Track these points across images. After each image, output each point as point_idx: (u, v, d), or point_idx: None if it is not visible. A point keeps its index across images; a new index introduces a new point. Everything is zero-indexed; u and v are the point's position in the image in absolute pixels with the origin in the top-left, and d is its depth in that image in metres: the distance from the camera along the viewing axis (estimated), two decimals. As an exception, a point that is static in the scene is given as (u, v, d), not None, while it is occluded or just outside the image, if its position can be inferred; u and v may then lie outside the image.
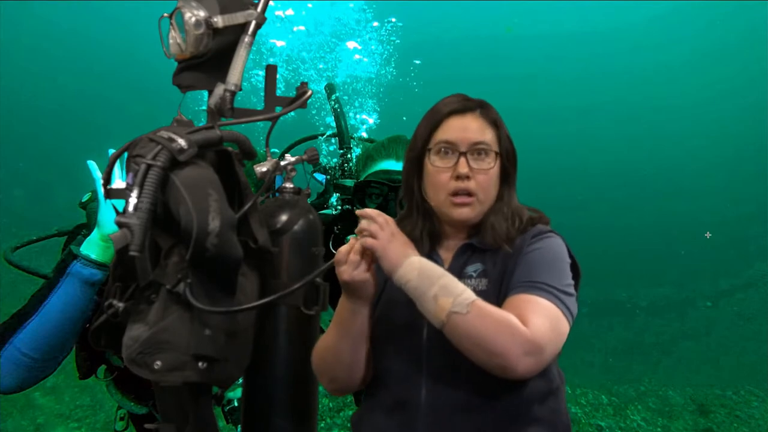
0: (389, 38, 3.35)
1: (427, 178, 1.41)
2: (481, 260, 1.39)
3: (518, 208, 1.43)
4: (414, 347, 1.35)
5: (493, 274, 1.36)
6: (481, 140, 1.37)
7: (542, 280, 1.30)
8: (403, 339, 1.37)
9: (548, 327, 1.24)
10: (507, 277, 1.33)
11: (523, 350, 1.19)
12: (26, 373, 1.55)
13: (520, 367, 1.19)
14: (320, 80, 3.05)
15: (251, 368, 0.96)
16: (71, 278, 1.55)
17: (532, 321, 1.22)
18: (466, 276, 1.38)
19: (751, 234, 14.64)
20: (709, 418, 6.74)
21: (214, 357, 0.81)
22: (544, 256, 1.34)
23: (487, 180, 1.37)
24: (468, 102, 1.42)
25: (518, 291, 1.29)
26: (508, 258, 1.36)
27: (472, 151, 1.36)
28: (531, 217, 1.43)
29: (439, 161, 1.38)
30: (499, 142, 1.40)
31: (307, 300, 0.99)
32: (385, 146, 2.04)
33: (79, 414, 5.86)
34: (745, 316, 11.05)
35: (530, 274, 1.30)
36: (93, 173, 1.63)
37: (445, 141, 1.37)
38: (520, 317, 1.22)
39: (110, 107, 20.31)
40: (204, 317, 0.81)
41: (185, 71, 0.92)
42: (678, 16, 19.49)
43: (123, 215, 0.76)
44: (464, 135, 1.37)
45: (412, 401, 1.32)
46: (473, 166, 1.36)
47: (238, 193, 0.91)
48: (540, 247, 1.35)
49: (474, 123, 1.39)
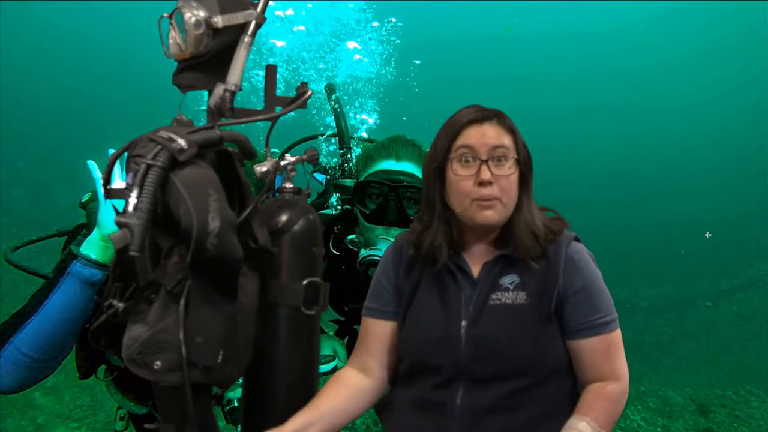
0: (389, 38, 3.35)
1: (449, 186, 1.45)
2: (516, 271, 1.44)
3: (537, 214, 1.48)
4: (453, 355, 1.41)
5: (531, 287, 1.42)
6: (499, 144, 1.42)
7: (603, 312, 1.44)
8: (440, 347, 1.43)
9: (623, 359, 1.45)
10: (550, 294, 1.41)
11: (621, 400, 1.42)
12: (26, 373, 1.55)
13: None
14: (320, 80, 3.05)
15: (251, 368, 0.96)
16: (71, 278, 1.55)
17: (620, 370, 1.43)
18: (502, 288, 1.43)
19: (751, 234, 14.64)
20: (709, 418, 6.74)
21: (207, 365, 0.81)
22: (594, 284, 1.45)
23: (509, 185, 1.42)
24: (484, 111, 1.47)
25: (594, 332, 1.43)
26: (545, 271, 1.43)
27: (492, 158, 1.41)
28: (552, 229, 1.48)
29: (461, 169, 1.42)
30: (517, 148, 1.45)
31: (307, 300, 0.99)
32: (385, 146, 2.04)
33: (79, 414, 5.85)
34: (745, 316, 11.04)
35: (594, 311, 1.43)
36: (93, 173, 1.63)
37: (464, 146, 1.42)
38: (612, 371, 1.42)
39: (110, 107, 20.31)
40: (198, 323, 0.81)
41: (185, 71, 0.92)
42: (678, 16, 19.49)
43: (123, 215, 0.76)
44: (483, 141, 1.42)
45: (448, 404, 1.40)
46: (494, 172, 1.40)
47: (238, 193, 0.91)
48: (586, 276, 1.45)
49: (491, 130, 1.44)
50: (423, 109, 5.08)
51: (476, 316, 1.42)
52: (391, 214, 1.94)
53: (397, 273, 1.56)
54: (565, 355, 1.44)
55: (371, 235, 1.99)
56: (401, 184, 1.95)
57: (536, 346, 1.40)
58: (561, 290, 1.41)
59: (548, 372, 1.42)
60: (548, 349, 1.41)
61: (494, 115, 1.46)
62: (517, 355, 1.39)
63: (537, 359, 1.40)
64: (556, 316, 1.42)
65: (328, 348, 2.19)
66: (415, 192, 1.97)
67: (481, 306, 1.43)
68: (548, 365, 1.41)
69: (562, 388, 1.44)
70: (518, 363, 1.39)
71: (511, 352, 1.39)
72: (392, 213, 1.94)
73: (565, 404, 1.42)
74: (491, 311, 1.42)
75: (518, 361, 1.39)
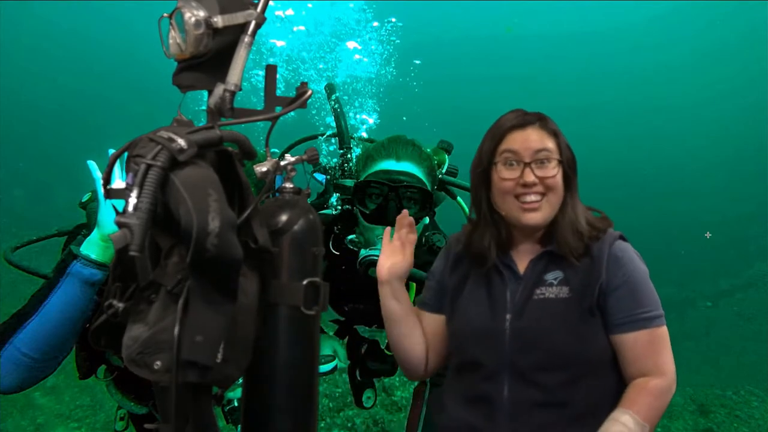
0: (389, 38, 3.35)
1: (495, 189, 1.52)
2: (560, 268, 1.49)
3: (582, 213, 1.52)
4: (498, 347, 1.47)
5: (574, 282, 1.47)
6: (542, 148, 1.47)
7: (648, 307, 1.45)
8: (486, 339, 1.50)
9: (670, 357, 1.47)
10: (592, 290, 1.45)
11: (666, 395, 1.44)
12: (26, 373, 1.54)
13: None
14: (320, 80, 3.04)
15: (251, 368, 0.96)
16: (71, 278, 1.55)
17: (664, 366, 1.44)
18: (546, 283, 1.49)
19: (751, 234, 14.64)
20: (709, 418, 6.74)
21: (207, 365, 0.81)
22: (639, 280, 1.47)
23: (554, 184, 1.48)
24: (527, 116, 1.53)
25: (637, 327, 1.44)
26: (589, 267, 1.46)
27: (536, 161, 1.47)
28: (597, 227, 1.52)
29: (506, 172, 1.49)
30: (560, 150, 1.50)
31: (306, 300, 0.99)
32: (385, 146, 2.04)
33: (79, 414, 5.85)
34: (745, 316, 11.04)
35: (638, 305, 1.45)
36: (93, 173, 1.63)
37: (508, 151, 1.49)
38: (655, 367, 1.43)
39: (110, 107, 20.33)
40: (198, 322, 0.80)
41: (185, 71, 0.92)
42: (678, 16, 19.51)
43: (123, 215, 0.75)
44: (526, 145, 1.48)
45: (495, 396, 1.46)
46: (538, 174, 1.46)
47: (238, 193, 0.91)
48: (630, 272, 1.47)
49: (534, 134, 1.50)
50: (423, 109, 5.08)
51: (520, 310, 1.48)
52: (391, 214, 1.94)
53: (444, 270, 1.66)
54: (609, 350, 1.47)
55: (371, 235, 1.99)
56: (401, 184, 1.95)
57: (578, 340, 1.44)
58: (603, 285, 1.44)
59: (591, 366, 1.45)
60: (590, 342, 1.45)
61: (537, 119, 1.52)
62: (559, 348, 1.43)
63: (579, 352, 1.44)
64: (599, 311, 1.45)
65: (328, 348, 2.19)
66: (414, 192, 1.96)
67: (526, 300, 1.48)
68: (591, 359, 1.45)
69: (607, 384, 1.46)
70: (560, 355, 1.44)
71: (553, 344, 1.44)
72: (392, 213, 1.94)
73: (610, 399, 1.44)
74: (535, 305, 1.47)
75: (561, 354, 1.44)
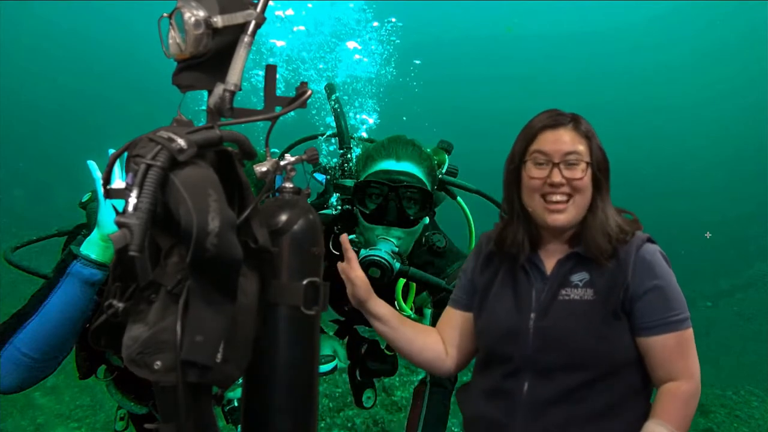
0: (389, 38, 3.35)
1: (524, 187, 1.54)
2: (586, 269, 1.50)
3: (612, 215, 1.52)
4: (521, 345, 1.50)
5: (599, 285, 1.48)
6: (572, 150, 1.48)
7: (677, 310, 1.46)
8: (510, 338, 1.52)
9: (696, 358, 1.48)
10: (617, 292, 1.45)
11: (693, 400, 1.46)
12: (26, 373, 1.54)
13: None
14: (320, 80, 3.04)
15: (251, 368, 0.96)
16: (71, 278, 1.55)
17: (692, 368, 1.46)
18: (571, 285, 1.50)
19: (751, 234, 14.64)
20: (709, 418, 6.73)
21: (205, 365, 0.81)
22: (668, 283, 1.48)
23: (582, 186, 1.48)
24: (560, 117, 1.53)
25: (667, 330, 1.45)
26: (615, 270, 1.47)
27: (564, 162, 1.47)
28: (625, 230, 1.52)
29: (535, 171, 1.50)
30: (591, 152, 1.50)
31: (306, 300, 0.99)
32: (385, 146, 2.04)
33: (79, 414, 5.85)
34: (745, 316, 11.04)
35: (668, 309, 1.46)
36: (93, 173, 1.63)
37: (539, 151, 1.50)
38: (685, 370, 1.44)
39: (110, 107, 20.32)
40: (198, 322, 0.80)
41: (185, 71, 0.92)
42: (678, 16, 19.50)
43: (123, 215, 0.75)
44: (557, 147, 1.49)
45: (515, 393, 1.49)
46: (566, 175, 1.47)
47: (238, 193, 0.91)
48: (659, 275, 1.48)
49: (566, 135, 1.50)
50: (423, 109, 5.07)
51: (545, 310, 1.50)
52: (391, 214, 1.94)
53: (474, 268, 1.68)
54: (633, 352, 1.48)
55: (371, 235, 1.99)
56: (401, 184, 1.95)
57: (600, 342, 1.45)
58: (630, 289, 1.45)
59: (613, 368, 1.46)
60: (613, 345, 1.46)
61: (570, 120, 1.52)
62: (581, 348, 1.45)
63: (601, 354, 1.45)
64: (625, 314, 1.46)
65: (328, 348, 2.19)
66: (415, 192, 1.96)
67: (550, 300, 1.50)
68: (612, 361, 1.46)
69: (629, 385, 1.47)
70: (582, 356, 1.45)
71: (575, 344, 1.45)
72: (392, 213, 1.94)
73: (631, 400, 1.46)
74: (559, 306, 1.49)
75: (582, 354, 1.45)
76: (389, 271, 1.85)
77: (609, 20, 20.35)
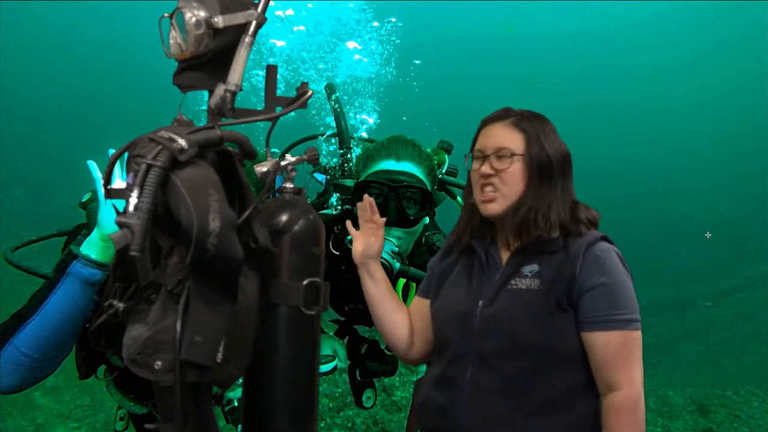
0: (389, 38, 3.35)
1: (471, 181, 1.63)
2: (538, 262, 1.53)
3: (559, 208, 1.53)
4: (467, 331, 1.52)
5: (546, 276, 1.49)
6: (502, 146, 1.54)
7: (623, 310, 1.45)
8: (458, 322, 1.55)
9: (640, 366, 1.44)
10: (561, 284, 1.46)
11: (639, 408, 1.42)
12: (26, 373, 1.54)
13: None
14: (320, 80, 3.04)
15: (251, 368, 0.96)
16: (71, 278, 1.55)
17: (632, 377, 1.41)
18: (521, 275, 1.53)
19: (751, 234, 14.65)
20: (709, 418, 6.74)
21: (205, 365, 0.81)
22: (617, 281, 1.47)
23: (508, 178, 1.53)
24: (501, 113, 1.61)
25: (611, 327, 1.43)
26: (563, 263, 1.49)
27: (495, 155, 1.54)
28: (579, 222, 1.53)
29: (475, 165, 1.59)
30: (528, 146, 1.53)
31: (307, 300, 0.99)
32: (385, 146, 2.04)
33: (79, 414, 5.85)
34: (745, 316, 11.04)
35: (613, 306, 1.44)
36: (93, 173, 1.63)
37: (477, 146, 1.60)
38: (623, 378, 1.41)
39: (110, 107, 20.32)
40: (198, 322, 0.80)
41: (185, 71, 0.92)
42: (678, 16, 19.50)
43: (123, 215, 0.75)
44: (488, 142, 1.56)
45: (459, 379, 1.50)
46: (496, 167, 1.53)
47: (238, 193, 0.90)
48: (608, 273, 1.47)
49: (499, 130, 1.57)
50: (423, 109, 5.07)
51: (492, 297, 1.52)
52: (391, 214, 1.94)
53: (437, 257, 1.75)
54: (578, 347, 1.47)
55: (371, 235, 1.99)
56: (401, 184, 1.95)
57: (543, 332, 1.45)
58: (577, 283, 1.46)
59: (556, 359, 1.46)
60: (556, 336, 1.46)
61: (508, 116, 1.59)
62: (521, 337, 1.46)
63: (542, 344, 1.45)
64: (571, 308, 1.46)
65: (328, 348, 2.19)
66: (415, 192, 1.96)
67: (499, 289, 1.53)
68: (555, 352, 1.46)
69: (572, 381, 1.46)
70: (522, 345, 1.46)
71: (514, 332, 1.46)
72: (392, 213, 1.94)
73: (574, 398, 1.45)
74: (506, 294, 1.51)
75: (522, 343, 1.46)
76: (389, 271, 1.86)
77: (609, 20, 20.35)
